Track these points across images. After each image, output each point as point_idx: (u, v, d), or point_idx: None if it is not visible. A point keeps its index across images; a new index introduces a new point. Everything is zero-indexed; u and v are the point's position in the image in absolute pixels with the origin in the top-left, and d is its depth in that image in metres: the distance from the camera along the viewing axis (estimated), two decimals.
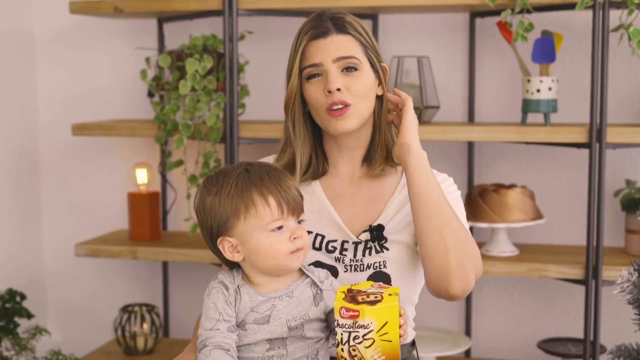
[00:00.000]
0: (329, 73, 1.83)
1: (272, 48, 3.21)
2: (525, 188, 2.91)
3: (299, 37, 1.87)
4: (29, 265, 3.43)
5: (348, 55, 1.84)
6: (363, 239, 1.87)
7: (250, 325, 1.68)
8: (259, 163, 1.75)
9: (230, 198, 1.67)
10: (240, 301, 1.68)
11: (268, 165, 1.73)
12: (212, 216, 1.69)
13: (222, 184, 1.69)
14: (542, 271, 2.76)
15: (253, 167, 1.71)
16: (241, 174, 1.69)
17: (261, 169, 1.71)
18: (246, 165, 1.72)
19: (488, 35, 3.07)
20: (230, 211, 1.67)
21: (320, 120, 1.87)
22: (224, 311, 1.66)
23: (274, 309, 1.69)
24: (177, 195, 3.33)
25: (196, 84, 2.86)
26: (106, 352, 3.25)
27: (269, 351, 1.68)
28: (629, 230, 2.87)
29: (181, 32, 3.25)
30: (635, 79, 2.96)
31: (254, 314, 1.68)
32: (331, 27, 1.85)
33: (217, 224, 1.69)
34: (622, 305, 3.00)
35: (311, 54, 1.84)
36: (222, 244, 1.70)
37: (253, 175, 1.69)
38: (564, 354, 2.87)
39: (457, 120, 3.11)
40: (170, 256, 3.04)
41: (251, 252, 1.68)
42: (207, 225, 1.71)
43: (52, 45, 3.42)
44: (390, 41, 3.12)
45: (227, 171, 1.72)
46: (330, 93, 1.82)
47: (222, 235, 1.70)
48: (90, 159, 3.44)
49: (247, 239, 1.68)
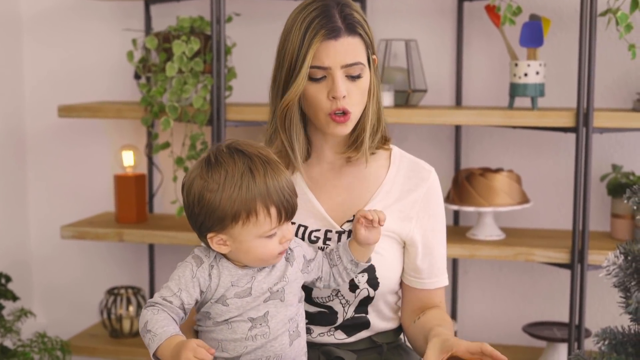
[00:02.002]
0: (336, 78, 1.78)
1: (259, 30, 3.20)
2: (512, 172, 2.92)
3: (306, 34, 1.76)
4: (15, 248, 3.42)
5: (355, 62, 1.79)
6: (346, 228, 1.85)
7: (232, 299, 1.67)
8: (258, 155, 1.67)
9: (231, 202, 1.62)
10: (220, 276, 1.67)
11: (269, 162, 1.66)
12: (207, 212, 1.64)
13: (224, 182, 1.63)
14: (528, 255, 2.77)
15: (256, 166, 1.64)
16: (245, 175, 1.63)
17: (265, 169, 1.64)
18: (247, 160, 1.65)
19: (476, 19, 3.07)
20: (229, 214, 1.63)
21: (318, 121, 1.82)
22: (185, 287, 1.65)
23: (254, 280, 1.68)
24: (163, 177, 3.33)
25: (183, 66, 2.84)
26: (92, 335, 3.25)
27: (252, 330, 1.68)
28: (615, 214, 2.89)
29: (168, 14, 3.23)
30: (623, 64, 2.96)
31: (235, 288, 1.67)
32: (342, 26, 1.78)
33: (211, 220, 1.65)
34: (607, 289, 3.02)
35: (321, 56, 1.77)
36: (211, 239, 1.67)
37: (258, 179, 1.63)
38: (549, 337, 2.88)
39: (444, 104, 3.11)
40: (157, 239, 3.03)
41: (240, 251, 1.66)
42: (199, 217, 1.66)
43: (38, 27, 3.40)
44: (379, 24, 3.12)
45: (227, 165, 1.64)
46: (334, 99, 1.78)
47: (214, 232, 1.66)
48: (76, 141, 3.43)
49: (239, 240, 1.65)
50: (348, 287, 1.83)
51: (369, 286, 1.84)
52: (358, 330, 1.88)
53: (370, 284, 1.84)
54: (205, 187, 1.64)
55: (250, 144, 1.70)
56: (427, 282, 1.92)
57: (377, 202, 1.87)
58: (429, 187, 1.91)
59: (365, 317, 1.87)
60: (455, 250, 2.81)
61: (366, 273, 1.83)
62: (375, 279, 1.84)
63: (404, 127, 3.09)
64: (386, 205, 1.88)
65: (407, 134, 3.12)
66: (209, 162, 1.66)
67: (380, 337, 1.91)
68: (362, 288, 1.83)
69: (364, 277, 1.82)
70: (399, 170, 1.92)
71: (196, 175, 1.66)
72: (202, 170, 1.66)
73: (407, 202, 1.89)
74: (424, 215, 1.90)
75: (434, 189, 1.92)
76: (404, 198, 1.89)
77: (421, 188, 1.90)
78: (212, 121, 2.85)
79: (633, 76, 2.97)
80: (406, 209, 1.89)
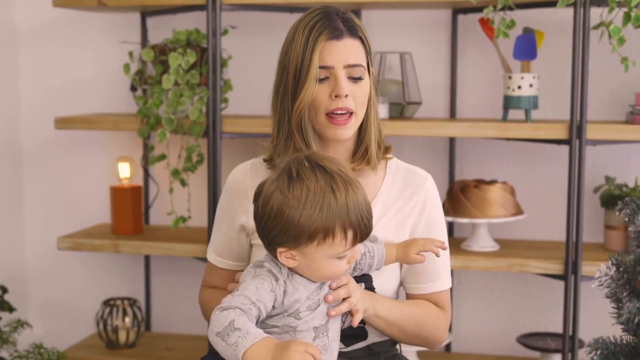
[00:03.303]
0: (339, 78, 1.82)
1: (255, 43, 3.21)
2: (505, 184, 2.93)
3: (310, 36, 1.81)
4: (11, 259, 3.42)
5: (357, 63, 1.83)
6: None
7: (304, 312, 1.67)
8: (339, 174, 1.64)
9: (311, 221, 1.59)
10: (295, 292, 1.66)
11: (350, 181, 1.64)
12: (283, 227, 1.61)
13: (306, 200, 1.60)
14: (522, 266, 2.78)
15: (337, 185, 1.62)
16: (327, 195, 1.60)
17: (346, 189, 1.62)
18: (329, 178, 1.62)
19: (470, 32, 3.08)
20: (306, 233, 1.60)
21: (318, 123, 1.85)
22: (263, 300, 1.62)
23: (322, 291, 1.69)
24: (159, 189, 3.33)
25: (179, 78, 2.86)
26: (88, 346, 3.25)
27: (315, 340, 1.67)
28: (608, 226, 2.90)
29: (164, 27, 3.25)
30: (616, 77, 2.98)
31: (309, 301, 1.67)
32: (344, 28, 1.83)
33: (285, 236, 1.62)
34: (600, 300, 3.03)
35: (324, 56, 1.81)
36: (281, 253, 1.65)
37: (339, 200, 1.61)
38: (543, 348, 2.89)
39: (439, 116, 3.13)
40: (153, 250, 3.04)
41: (310, 268, 1.65)
42: (272, 231, 1.63)
43: (35, 39, 3.41)
44: (373, 37, 3.09)
45: (309, 181, 1.61)
46: (337, 97, 1.82)
47: (286, 248, 1.64)
48: (72, 153, 3.43)
49: (311, 258, 1.64)
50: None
51: None
52: (356, 341, 1.89)
53: None
54: (285, 203, 1.61)
55: (331, 160, 1.67)
56: (421, 287, 1.94)
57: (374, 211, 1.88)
58: (425, 193, 1.93)
59: (363, 327, 1.88)
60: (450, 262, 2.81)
61: (363, 283, 1.84)
62: (372, 289, 1.85)
63: (399, 139, 3.11)
64: (382, 214, 1.90)
65: (401, 146, 3.14)
66: (290, 175, 1.63)
67: (378, 346, 1.92)
68: None
69: (361, 286, 1.83)
70: (394, 180, 1.94)
71: (276, 188, 1.63)
72: (282, 184, 1.63)
73: (403, 211, 1.91)
74: (418, 222, 1.92)
75: (429, 196, 1.93)
76: (400, 207, 1.91)
77: (417, 196, 1.92)
78: (208, 133, 2.86)
79: (626, 89, 2.98)
80: (403, 218, 1.91)
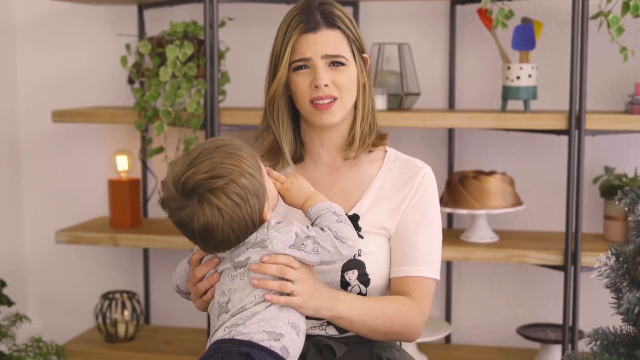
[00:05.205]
0: (317, 68, 1.85)
1: (252, 35, 3.21)
2: (505, 175, 2.93)
3: (287, 30, 1.87)
4: (9, 252, 3.42)
5: (336, 53, 1.86)
6: None
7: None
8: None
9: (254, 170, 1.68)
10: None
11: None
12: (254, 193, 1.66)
13: (240, 165, 1.67)
14: (522, 257, 2.78)
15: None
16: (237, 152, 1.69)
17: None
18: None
19: (468, 23, 3.08)
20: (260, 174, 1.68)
21: (304, 111, 1.89)
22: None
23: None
24: (157, 182, 3.33)
25: (177, 71, 2.85)
26: (87, 339, 3.25)
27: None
28: (608, 216, 2.90)
29: (161, 19, 3.24)
30: (614, 66, 2.97)
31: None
32: (321, 20, 1.86)
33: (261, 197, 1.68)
34: (600, 291, 3.02)
35: (301, 48, 1.85)
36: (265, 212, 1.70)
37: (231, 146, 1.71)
38: (543, 339, 2.89)
39: (437, 107, 3.12)
40: (151, 243, 3.04)
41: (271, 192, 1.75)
42: (255, 205, 1.67)
43: (32, 32, 3.40)
44: (371, 28, 3.13)
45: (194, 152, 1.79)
46: (317, 88, 1.85)
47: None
48: (70, 146, 3.43)
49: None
50: (339, 285, 1.84)
51: (360, 283, 1.85)
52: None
53: (361, 281, 1.85)
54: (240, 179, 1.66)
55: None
56: (397, 269, 1.90)
57: (367, 199, 1.91)
58: (419, 183, 1.93)
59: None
60: (449, 253, 2.82)
61: (356, 270, 1.84)
62: (365, 275, 1.85)
63: (397, 131, 3.10)
64: (376, 202, 1.91)
65: (400, 137, 3.13)
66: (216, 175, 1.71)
67: None
68: (353, 285, 1.84)
69: (354, 273, 1.84)
70: (391, 169, 1.95)
71: (229, 186, 1.66)
72: (228, 184, 1.67)
73: (396, 198, 1.92)
74: (408, 208, 1.91)
75: (423, 184, 1.93)
76: (394, 195, 1.92)
77: (410, 185, 1.93)
78: (205, 125, 2.86)
79: (625, 79, 2.98)
80: (395, 206, 1.91)
